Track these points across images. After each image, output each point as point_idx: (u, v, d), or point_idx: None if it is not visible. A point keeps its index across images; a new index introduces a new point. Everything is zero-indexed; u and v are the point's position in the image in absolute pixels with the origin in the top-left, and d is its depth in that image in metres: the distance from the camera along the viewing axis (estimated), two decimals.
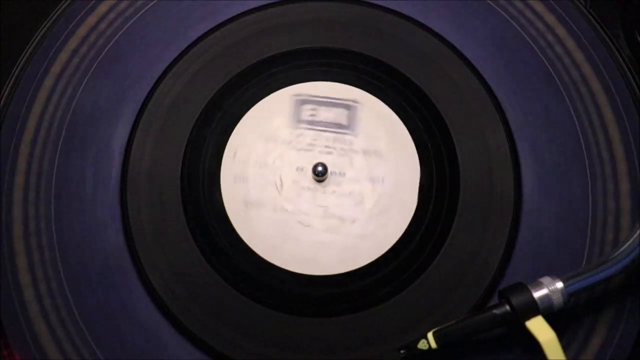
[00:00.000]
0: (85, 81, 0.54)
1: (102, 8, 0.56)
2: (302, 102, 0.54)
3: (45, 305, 0.50)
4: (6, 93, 0.54)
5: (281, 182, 0.52)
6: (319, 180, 0.52)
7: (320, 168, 0.52)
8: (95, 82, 0.54)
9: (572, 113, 0.54)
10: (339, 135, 0.53)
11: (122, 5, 0.57)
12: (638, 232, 0.47)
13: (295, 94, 0.54)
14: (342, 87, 0.54)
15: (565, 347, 0.48)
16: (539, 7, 0.57)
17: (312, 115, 0.53)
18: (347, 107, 0.54)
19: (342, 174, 0.53)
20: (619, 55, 0.56)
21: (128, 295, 0.50)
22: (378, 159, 0.53)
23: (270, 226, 0.51)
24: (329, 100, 0.54)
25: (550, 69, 0.55)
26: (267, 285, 0.50)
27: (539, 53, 0.55)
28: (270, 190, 0.52)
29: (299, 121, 0.53)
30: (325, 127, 0.54)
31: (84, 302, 0.50)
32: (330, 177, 0.52)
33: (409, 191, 0.52)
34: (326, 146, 0.53)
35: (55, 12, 0.56)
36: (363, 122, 0.54)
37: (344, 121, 0.54)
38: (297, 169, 0.53)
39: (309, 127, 0.54)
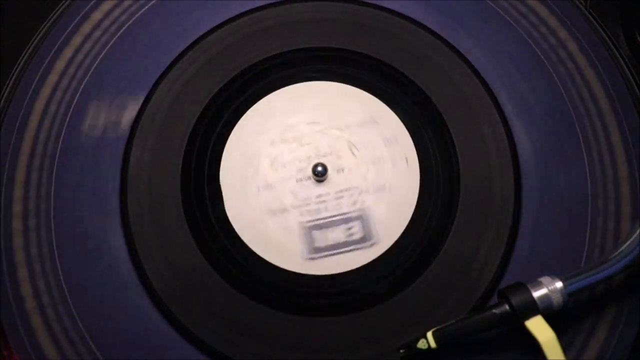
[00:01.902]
0: (85, 81, 0.54)
1: (103, 8, 0.56)
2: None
3: (44, 305, 0.50)
4: (6, 93, 0.54)
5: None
6: (319, 180, 0.52)
7: (320, 168, 0.52)
8: (95, 82, 0.54)
9: (572, 113, 0.54)
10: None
11: (123, 5, 0.57)
12: (638, 232, 0.47)
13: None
14: (342, 87, 0.54)
15: (565, 347, 0.48)
16: (539, 8, 0.57)
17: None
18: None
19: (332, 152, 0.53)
20: (619, 55, 0.56)
21: (128, 295, 0.50)
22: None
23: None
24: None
25: (550, 68, 0.55)
26: (267, 285, 0.50)
27: (539, 53, 0.55)
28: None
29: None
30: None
31: (84, 302, 0.50)
32: (329, 177, 0.53)
33: (409, 191, 0.52)
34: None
35: (55, 12, 0.57)
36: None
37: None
38: (298, 181, 0.53)
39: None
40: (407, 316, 0.49)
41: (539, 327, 0.45)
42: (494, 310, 0.46)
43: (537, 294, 0.46)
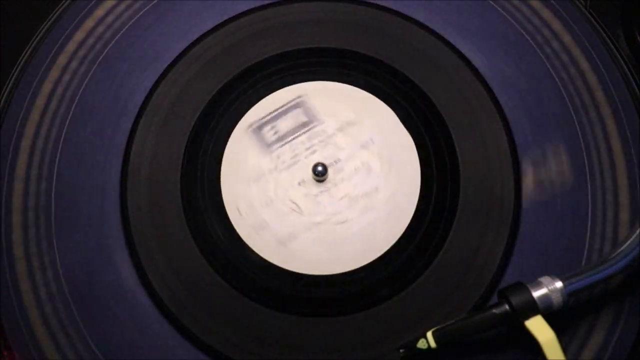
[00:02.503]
0: (85, 81, 0.54)
1: (103, 8, 0.56)
2: (259, 128, 0.53)
3: (44, 305, 0.50)
4: (6, 93, 0.54)
5: (296, 205, 0.52)
6: (320, 180, 0.52)
7: (320, 168, 0.52)
8: (95, 82, 0.54)
9: (572, 113, 0.54)
10: (310, 132, 0.53)
11: (123, 5, 0.57)
12: (637, 232, 0.47)
13: (248, 124, 0.54)
14: (341, 86, 0.54)
15: (565, 347, 0.48)
16: (539, 7, 0.57)
17: (275, 133, 0.53)
18: (297, 105, 0.54)
19: (338, 160, 0.53)
20: (619, 55, 0.56)
21: (128, 295, 0.50)
22: (355, 127, 0.53)
23: (313, 243, 0.51)
24: (278, 111, 0.54)
25: (550, 68, 0.55)
26: (267, 285, 0.50)
27: (539, 52, 0.55)
28: (294, 217, 0.52)
29: (269, 145, 0.53)
30: (293, 134, 0.54)
31: (84, 302, 0.50)
32: (330, 173, 0.52)
33: (409, 191, 0.52)
34: (307, 149, 0.53)
35: (56, 12, 0.57)
36: (318, 107, 0.54)
37: (303, 118, 0.53)
38: (300, 183, 0.53)
39: (281, 144, 0.53)
40: (407, 316, 0.49)
41: (538, 327, 0.45)
42: (494, 310, 0.46)
43: (537, 293, 0.46)
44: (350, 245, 0.51)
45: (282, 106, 0.54)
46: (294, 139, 0.53)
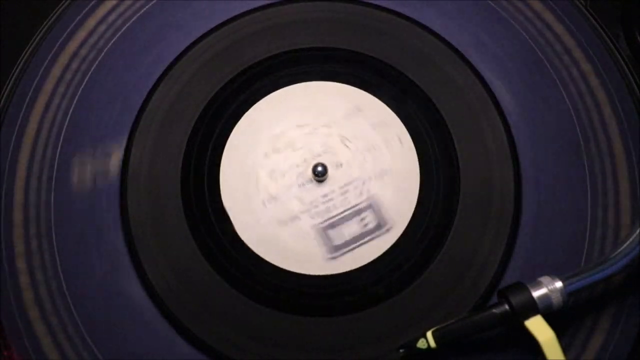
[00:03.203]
0: (85, 81, 0.55)
1: (103, 8, 0.57)
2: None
3: (44, 305, 0.50)
4: (6, 93, 0.54)
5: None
6: (321, 180, 0.52)
7: (320, 168, 0.52)
8: (95, 82, 0.55)
9: (572, 113, 0.54)
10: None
11: (123, 5, 0.57)
12: (637, 231, 0.47)
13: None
14: (341, 86, 0.54)
15: (565, 347, 0.48)
16: (539, 7, 0.57)
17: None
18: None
19: (340, 164, 0.53)
20: (619, 55, 0.56)
21: (128, 295, 0.50)
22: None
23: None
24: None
25: (550, 68, 0.55)
26: (267, 285, 0.50)
27: (539, 53, 0.55)
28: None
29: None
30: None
31: (84, 302, 0.50)
32: (328, 180, 0.53)
33: (408, 191, 0.52)
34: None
35: (56, 12, 0.57)
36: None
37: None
38: (300, 185, 0.53)
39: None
40: (407, 316, 0.49)
41: (538, 326, 0.45)
42: (493, 310, 0.46)
43: (536, 293, 0.46)
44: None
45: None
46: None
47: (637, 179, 0.52)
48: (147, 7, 0.57)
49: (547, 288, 0.46)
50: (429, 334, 0.46)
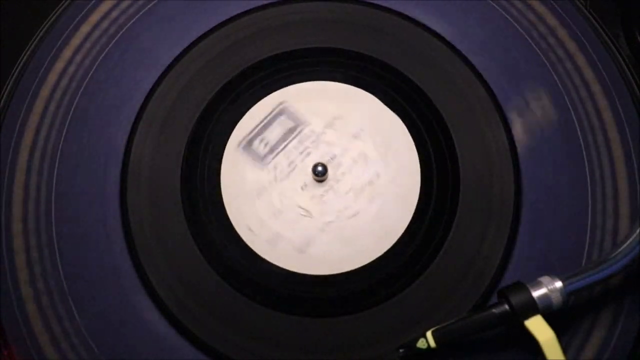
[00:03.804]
0: (85, 81, 0.55)
1: (103, 8, 0.57)
2: (248, 143, 0.53)
3: (44, 305, 0.50)
4: (6, 93, 0.54)
5: (304, 209, 0.52)
6: (321, 180, 0.52)
7: (320, 168, 0.52)
8: (95, 82, 0.55)
9: (572, 113, 0.54)
10: (300, 136, 0.53)
11: (123, 5, 0.57)
12: (637, 231, 0.47)
13: (237, 142, 0.53)
14: (341, 86, 0.54)
15: (565, 347, 0.48)
16: (539, 7, 0.57)
17: (265, 144, 0.53)
18: (280, 112, 0.54)
19: (333, 157, 0.53)
20: (619, 55, 0.56)
21: (127, 295, 0.50)
22: (344, 121, 0.53)
23: (256, 211, 0.52)
24: (263, 123, 0.54)
25: (550, 68, 0.55)
26: (267, 285, 0.50)
27: (539, 53, 0.55)
28: (306, 222, 0.52)
29: (263, 158, 0.53)
30: (284, 141, 0.53)
31: (84, 302, 0.50)
32: (329, 173, 0.53)
33: (409, 190, 0.52)
34: (301, 152, 0.53)
35: (56, 12, 0.57)
36: (301, 110, 0.54)
37: (290, 124, 0.53)
38: (302, 188, 0.53)
39: (274, 154, 0.53)
40: (407, 316, 0.49)
41: (538, 326, 0.45)
42: (493, 310, 0.46)
43: (536, 293, 0.46)
44: (350, 246, 0.51)
45: (267, 116, 0.54)
46: (285, 146, 0.53)
47: (637, 179, 0.52)
48: (147, 7, 0.57)
49: (546, 288, 0.46)
50: (429, 334, 0.46)
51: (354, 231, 0.51)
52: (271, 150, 0.53)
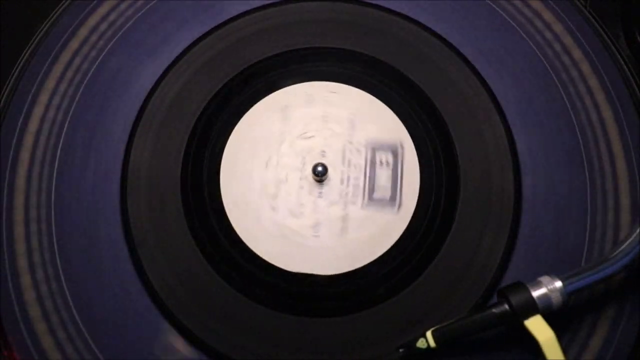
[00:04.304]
0: (85, 81, 0.55)
1: (103, 8, 0.57)
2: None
3: (45, 305, 0.50)
4: (6, 93, 0.54)
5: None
6: (321, 180, 0.52)
7: (320, 168, 0.52)
8: (95, 82, 0.55)
9: (572, 113, 0.54)
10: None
11: (123, 5, 0.57)
12: (637, 231, 0.47)
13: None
14: (341, 86, 0.54)
15: (565, 347, 0.48)
16: (539, 7, 0.57)
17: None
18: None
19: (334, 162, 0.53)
20: (619, 55, 0.56)
21: (128, 295, 0.50)
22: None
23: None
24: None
25: (549, 68, 0.55)
26: (267, 285, 0.50)
27: (539, 53, 0.55)
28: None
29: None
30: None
31: (84, 302, 0.50)
32: (329, 180, 0.53)
33: (408, 191, 0.52)
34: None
35: (56, 12, 0.57)
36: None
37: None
38: (302, 188, 0.53)
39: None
40: (407, 316, 0.49)
41: (538, 326, 0.45)
42: (493, 310, 0.46)
43: (536, 293, 0.46)
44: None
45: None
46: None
47: (637, 178, 0.52)
48: (147, 7, 0.57)
49: (546, 288, 0.46)
50: (429, 334, 0.46)
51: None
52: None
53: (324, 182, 0.53)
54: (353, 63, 0.55)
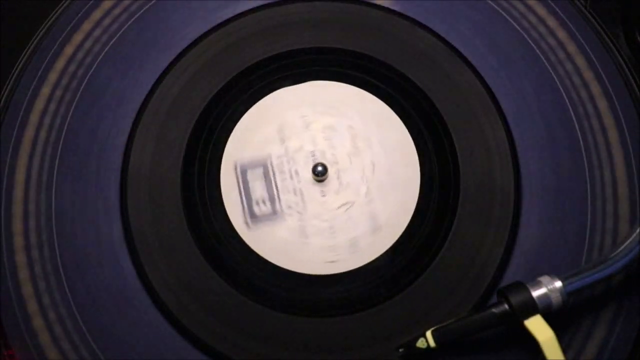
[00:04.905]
0: (85, 81, 0.55)
1: (102, 8, 0.57)
2: (252, 217, 0.52)
3: (45, 305, 0.50)
4: (6, 93, 0.54)
5: (304, 209, 0.52)
6: (321, 180, 0.52)
7: (320, 168, 0.52)
8: (95, 82, 0.55)
9: (572, 113, 0.54)
10: (279, 166, 0.54)
11: (122, 5, 0.57)
12: (637, 231, 0.47)
13: (237, 196, 0.53)
14: (341, 86, 0.54)
15: (564, 347, 0.48)
16: (539, 8, 0.57)
17: (263, 203, 0.52)
18: (243, 171, 0.53)
19: (333, 156, 0.53)
20: (619, 55, 0.56)
21: (128, 295, 0.50)
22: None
23: (313, 242, 0.51)
24: (242, 192, 0.53)
25: (549, 68, 0.55)
26: (267, 285, 0.50)
27: (538, 53, 0.55)
28: (305, 223, 0.52)
29: (273, 213, 0.52)
30: (271, 186, 0.53)
31: (84, 302, 0.50)
32: (329, 180, 0.53)
33: (408, 191, 0.52)
34: (292, 175, 0.53)
35: (55, 12, 0.57)
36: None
37: (259, 171, 0.53)
38: (302, 187, 0.53)
39: (276, 201, 0.53)
40: (407, 316, 0.49)
41: (538, 326, 0.45)
42: (493, 310, 0.46)
43: (536, 293, 0.46)
44: (350, 246, 0.51)
45: (236, 181, 0.53)
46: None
47: (637, 179, 0.52)
48: (147, 6, 0.57)
49: (546, 288, 0.46)
50: (429, 334, 0.46)
51: (354, 231, 0.51)
52: (272, 201, 0.53)
53: (324, 182, 0.53)
54: (353, 63, 0.55)
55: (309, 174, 0.53)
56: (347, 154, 0.53)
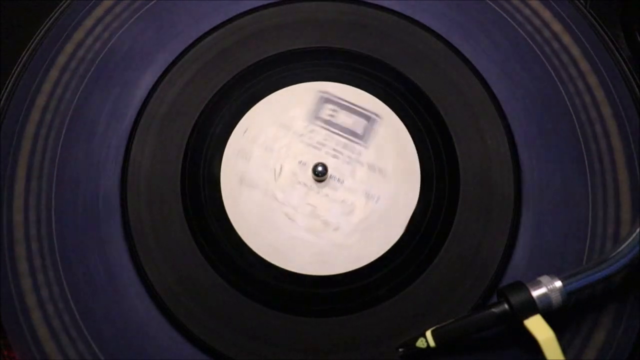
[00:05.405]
0: (85, 81, 0.55)
1: (102, 7, 0.57)
2: (326, 100, 0.54)
3: (45, 305, 0.50)
4: (6, 93, 0.54)
5: (280, 170, 0.52)
6: (318, 180, 0.52)
7: (320, 168, 0.52)
8: (95, 82, 0.55)
9: (572, 113, 0.54)
10: (350, 143, 0.53)
11: (122, 4, 0.57)
12: (637, 231, 0.47)
13: (322, 90, 0.54)
14: (341, 86, 0.54)
15: (565, 347, 0.48)
16: (539, 7, 0.57)
17: (331, 115, 0.53)
18: (368, 118, 0.54)
19: (341, 181, 0.53)
20: (619, 55, 0.56)
21: (128, 295, 0.50)
22: (380, 177, 0.53)
23: (255, 210, 0.52)
24: (351, 106, 0.54)
25: (549, 68, 0.55)
26: (267, 285, 0.50)
27: (539, 53, 0.55)
28: (267, 174, 0.52)
29: (317, 118, 0.53)
30: (340, 131, 0.54)
31: (84, 302, 0.50)
32: (329, 180, 0.52)
33: (408, 191, 0.52)
34: (334, 149, 0.53)
35: (55, 13, 0.57)
36: (378, 137, 0.53)
37: (359, 130, 0.53)
38: (300, 162, 0.53)
39: (324, 126, 0.54)
40: (408, 316, 0.49)
41: (538, 326, 0.45)
42: (493, 310, 0.46)
43: (536, 293, 0.46)
44: (350, 246, 0.51)
45: (360, 107, 0.54)
46: (335, 134, 0.54)
47: (638, 177, 0.52)
48: (146, 6, 0.57)
49: (546, 287, 0.46)
50: (429, 333, 0.46)
51: (354, 231, 0.51)
52: (326, 122, 0.53)
53: (324, 182, 0.53)
54: (353, 63, 0.55)
55: (309, 174, 0.53)
56: (351, 163, 0.53)
